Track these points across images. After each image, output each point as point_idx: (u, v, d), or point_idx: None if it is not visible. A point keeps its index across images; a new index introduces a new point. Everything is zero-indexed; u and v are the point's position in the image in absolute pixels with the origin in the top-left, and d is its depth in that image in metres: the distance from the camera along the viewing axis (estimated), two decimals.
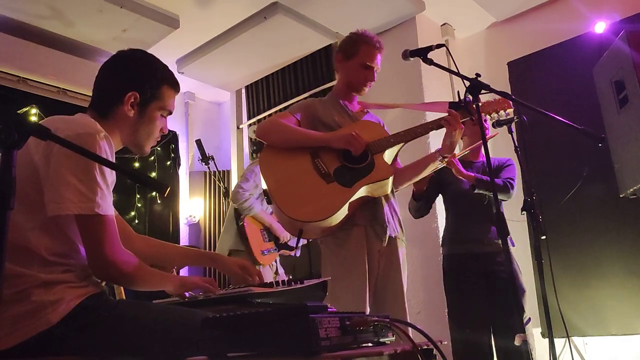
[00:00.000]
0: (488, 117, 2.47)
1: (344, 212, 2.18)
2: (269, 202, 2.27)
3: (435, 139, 3.79)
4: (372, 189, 2.27)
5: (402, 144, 2.38)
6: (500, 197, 2.83)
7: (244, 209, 3.74)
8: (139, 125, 1.64)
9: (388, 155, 2.35)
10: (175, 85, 1.71)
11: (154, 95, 1.64)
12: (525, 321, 2.77)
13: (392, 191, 2.44)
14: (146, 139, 1.68)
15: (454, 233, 3.05)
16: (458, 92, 2.43)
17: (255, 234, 3.79)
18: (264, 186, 2.26)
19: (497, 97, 2.34)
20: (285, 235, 3.81)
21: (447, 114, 2.31)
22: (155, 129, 1.68)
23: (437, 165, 2.43)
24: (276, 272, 3.97)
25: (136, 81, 1.62)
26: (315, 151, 2.29)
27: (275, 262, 3.99)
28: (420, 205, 3.05)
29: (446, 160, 2.39)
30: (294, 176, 2.24)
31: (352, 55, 2.45)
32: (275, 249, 3.85)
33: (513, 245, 2.92)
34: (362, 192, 2.22)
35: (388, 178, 2.26)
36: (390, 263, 2.34)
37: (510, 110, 2.47)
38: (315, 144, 2.30)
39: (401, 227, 2.43)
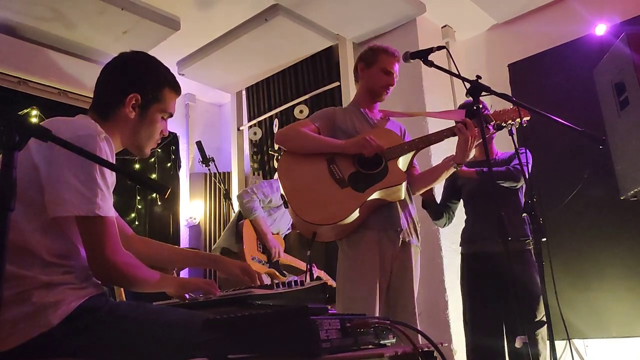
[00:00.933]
0: (504, 124, 2.48)
1: (355, 215, 2.25)
2: (285, 206, 2.35)
3: (436, 148, 3.79)
4: (386, 194, 2.32)
5: (415, 151, 2.45)
6: (506, 184, 2.83)
7: (245, 210, 3.73)
8: (139, 127, 1.64)
9: (402, 161, 2.41)
10: (176, 88, 1.71)
11: (155, 98, 1.65)
12: (539, 324, 2.75)
13: (410, 197, 2.49)
14: (146, 141, 1.68)
15: (470, 232, 3.05)
16: (472, 99, 2.44)
17: (251, 239, 3.77)
18: (282, 191, 2.34)
19: (510, 105, 2.36)
20: (276, 251, 3.78)
21: (460, 122, 2.37)
22: (155, 131, 1.68)
23: (452, 172, 2.49)
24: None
25: (138, 83, 1.63)
26: (332, 157, 2.37)
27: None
28: (433, 213, 3.05)
29: (460, 166, 2.44)
30: (310, 181, 2.33)
31: (373, 63, 2.55)
32: (267, 264, 3.82)
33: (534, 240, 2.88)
34: (375, 197, 2.28)
35: (401, 184, 2.31)
36: (404, 268, 2.38)
37: (527, 118, 2.46)
38: (332, 150, 2.37)
39: (417, 233, 2.47)
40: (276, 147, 2.42)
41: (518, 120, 2.48)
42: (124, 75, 1.64)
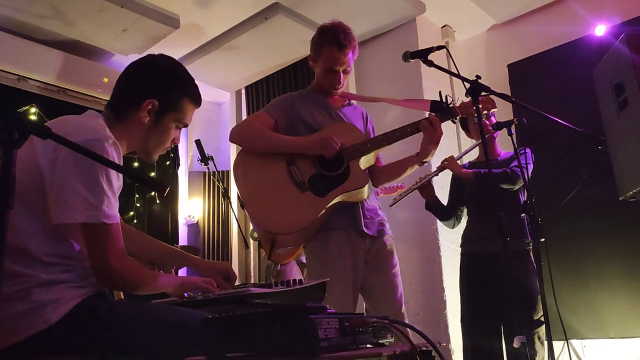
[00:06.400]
0: (469, 118, 2.47)
1: (317, 221, 2.16)
2: (243, 208, 2.24)
3: None
4: (348, 196, 2.23)
5: (379, 149, 2.34)
6: (504, 185, 2.84)
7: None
8: (151, 132, 1.62)
9: (365, 160, 2.31)
10: (196, 100, 1.69)
11: (172, 106, 1.62)
12: (537, 323, 2.75)
13: (369, 190, 2.36)
14: (156, 148, 1.67)
15: (470, 232, 3.05)
16: (440, 92, 2.41)
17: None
18: (238, 193, 2.22)
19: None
20: None
21: (427, 115, 2.28)
22: (167, 139, 1.67)
23: (416, 168, 2.40)
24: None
25: (158, 89, 1.60)
26: (291, 157, 2.25)
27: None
28: (437, 214, 3.05)
29: (425, 163, 2.36)
30: (268, 185, 2.21)
31: (317, 58, 2.37)
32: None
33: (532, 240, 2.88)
34: (336, 200, 2.19)
35: (363, 187, 2.22)
36: (379, 258, 2.30)
37: (495, 110, 2.48)
38: (291, 150, 2.25)
39: (384, 224, 2.37)
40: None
41: (486, 111, 2.46)
42: (145, 79, 1.62)
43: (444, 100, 2.34)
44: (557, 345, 3.36)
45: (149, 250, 1.88)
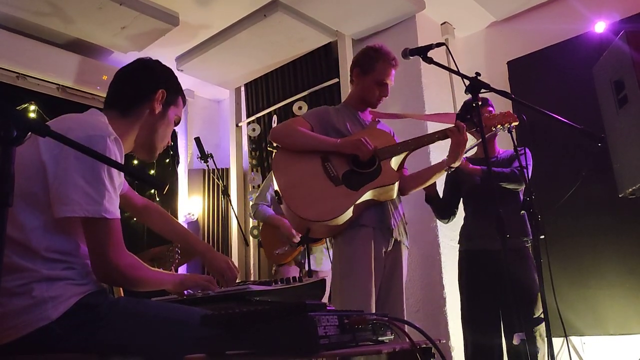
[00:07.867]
0: (493, 128, 2.55)
1: (349, 213, 2.28)
2: (279, 202, 2.36)
3: (435, 148, 3.82)
4: (378, 193, 2.36)
5: (408, 152, 2.48)
6: (510, 186, 2.85)
7: (258, 219, 3.89)
8: (159, 125, 1.68)
9: (395, 162, 2.44)
10: (184, 99, 1.79)
11: (174, 100, 1.72)
12: (537, 321, 2.75)
13: (398, 196, 2.52)
14: (160, 142, 1.73)
15: (469, 229, 3.05)
16: (464, 102, 2.50)
17: (268, 239, 3.80)
18: (276, 187, 2.35)
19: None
20: (292, 231, 3.73)
21: (453, 125, 2.40)
22: (169, 133, 1.74)
23: (444, 174, 2.54)
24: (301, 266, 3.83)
25: (165, 81, 1.69)
26: (326, 155, 2.40)
27: (304, 256, 3.83)
28: (436, 208, 3.06)
29: (452, 169, 2.47)
30: (305, 178, 2.35)
31: (369, 72, 2.53)
32: (293, 245, 3.73)
33: (531, 238, 2.87)
34: (368, 195, 2.31)
35: (393, 183, 2.35)
36: (395, 266, 2.43)
37: (516, 124, 2.52)
38: (327, 148, 2.40)
39: (406, 232, 2.52)
40: (274, 144, 2.44)
41: (507, 125, 2.51)
42: (151, 74, 1.69)
43: (468, 112, 2.45)
44: (557, 342, 3.36)
45: (161, 225, 1.92)
